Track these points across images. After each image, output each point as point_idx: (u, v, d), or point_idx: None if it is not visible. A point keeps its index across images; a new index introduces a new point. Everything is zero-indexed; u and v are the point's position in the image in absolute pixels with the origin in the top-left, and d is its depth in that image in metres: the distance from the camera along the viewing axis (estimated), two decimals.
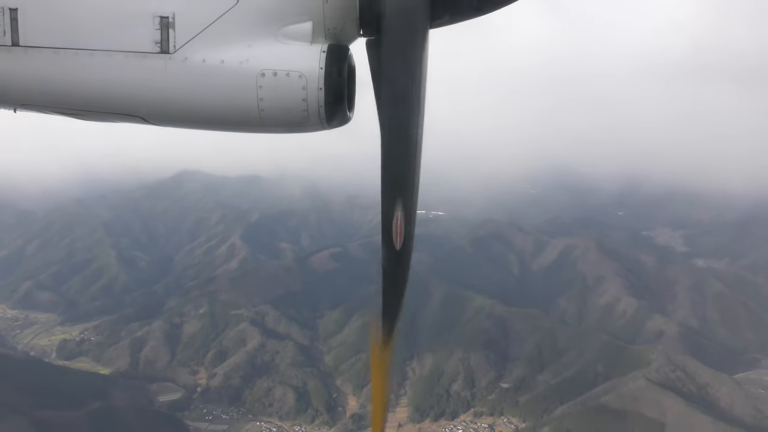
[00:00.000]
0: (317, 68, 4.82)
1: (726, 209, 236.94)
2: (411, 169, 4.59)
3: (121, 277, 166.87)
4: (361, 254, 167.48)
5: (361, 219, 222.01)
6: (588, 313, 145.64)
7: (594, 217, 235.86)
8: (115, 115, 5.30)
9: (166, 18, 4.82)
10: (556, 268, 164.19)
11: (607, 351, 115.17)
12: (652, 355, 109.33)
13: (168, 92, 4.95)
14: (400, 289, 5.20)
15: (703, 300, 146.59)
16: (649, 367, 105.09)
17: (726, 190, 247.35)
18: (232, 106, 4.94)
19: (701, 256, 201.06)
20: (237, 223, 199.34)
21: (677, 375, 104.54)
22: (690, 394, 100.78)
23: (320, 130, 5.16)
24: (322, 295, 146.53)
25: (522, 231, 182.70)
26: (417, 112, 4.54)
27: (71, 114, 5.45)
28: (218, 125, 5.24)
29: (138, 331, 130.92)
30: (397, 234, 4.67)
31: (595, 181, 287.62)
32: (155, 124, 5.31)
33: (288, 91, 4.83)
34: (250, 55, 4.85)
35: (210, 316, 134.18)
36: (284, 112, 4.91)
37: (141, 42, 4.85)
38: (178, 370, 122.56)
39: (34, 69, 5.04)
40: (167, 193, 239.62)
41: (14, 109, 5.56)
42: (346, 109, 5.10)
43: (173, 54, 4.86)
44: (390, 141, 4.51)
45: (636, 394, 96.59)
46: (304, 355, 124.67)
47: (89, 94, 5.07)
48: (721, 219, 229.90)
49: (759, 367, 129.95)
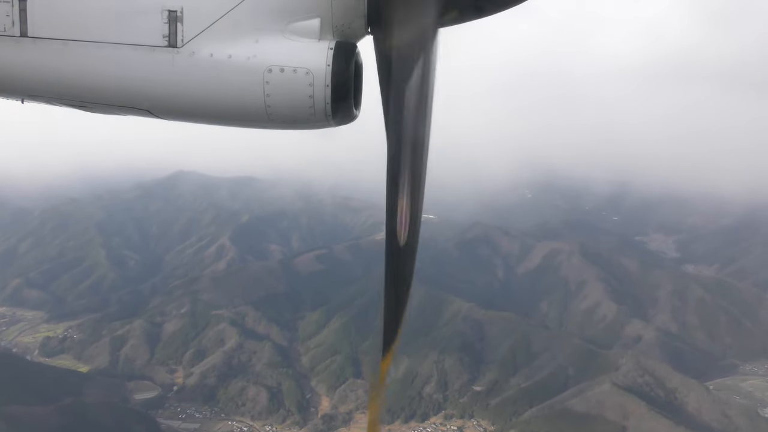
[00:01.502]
0: (324, 65, 4.86)
1: (719, 214, 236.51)
2: (417, 168, 4.65)
3: (110, 276, 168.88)
4: (347, 256, 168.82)
5: (353, 221, 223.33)
6: (569, 318, 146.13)
7: (587, 221, 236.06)
8: (122, 108, 5.36)
9: (175, 12, 4.85)
10: (540, 272, 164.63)
11: (579, 355, 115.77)
12: (621, 359, 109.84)
13: (175, 86, 4.99)
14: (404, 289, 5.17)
15: (684, 305, 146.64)
16: (618, 371, 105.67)
17: (720, 195, 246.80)
18: (239, 101, 4.99)
19: (692, 262, 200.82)
20: (228, 224, 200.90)
21: (645, 380, 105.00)
22: (657, 398, 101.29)
23: (326, 127, 5.18)
24: (305, 297, 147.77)
25: (508, 235, 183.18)
26: (424, 112, 4.60)
27: (78, 106, 5.51)
28: (224, 120, 5.28)
29: (119, 329, 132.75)
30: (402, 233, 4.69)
31: (591, 185, 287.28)
32: (162, 117, 5.38)
33: (295, 87, 4.87)
34: (258, 50, 4.88)
35: (191, 316, 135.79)
36: (291, 108, 4.95)
37: (149, 35, 4.89)
38: (157, 368, 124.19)
39: (42, 60, 5.07)
40: (162, 194, 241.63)
41: (22, 100, 5.62)
42: (353, 106, 5.12)
43: (181, 48, 4.89)
44: (395, 139, 4.58)
45: (600, 398, 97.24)
46: (281, 355, 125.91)
47: (97, 86, 5.12)
48: (715, 224, 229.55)
49: (736, 373, 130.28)
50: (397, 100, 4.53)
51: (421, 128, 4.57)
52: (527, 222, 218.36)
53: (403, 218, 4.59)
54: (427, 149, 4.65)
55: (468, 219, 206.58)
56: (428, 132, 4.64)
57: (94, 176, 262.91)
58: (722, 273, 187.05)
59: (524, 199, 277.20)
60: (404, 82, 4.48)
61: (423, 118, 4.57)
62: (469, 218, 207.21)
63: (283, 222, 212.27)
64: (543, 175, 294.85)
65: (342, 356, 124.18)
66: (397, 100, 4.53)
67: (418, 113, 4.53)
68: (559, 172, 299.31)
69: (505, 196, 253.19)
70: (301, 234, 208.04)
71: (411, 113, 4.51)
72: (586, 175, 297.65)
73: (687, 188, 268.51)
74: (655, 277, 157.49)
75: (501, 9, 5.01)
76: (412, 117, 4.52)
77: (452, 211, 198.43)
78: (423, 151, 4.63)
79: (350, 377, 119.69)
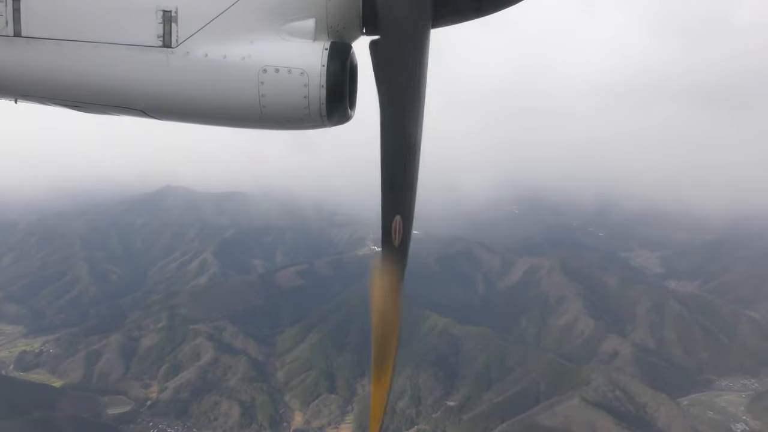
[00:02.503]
0: (319, 65, 4.87)
1: (703, 230, 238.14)
2: (409, 168, 4.75)
3: (91, 291, 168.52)
4: (328, 271, 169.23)
5: (338, 236, 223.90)
6: (547, 333, 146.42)
7: (573, 237, 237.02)
8: (116, 108, 5.36)
9: (169, 12, 4.85)
10: (520, 287, 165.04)
11: (551, 370, 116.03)
12: (592, 375, 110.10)
13: (169, 86, 4.99)
14: None
15: (662, 321, 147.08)
16: (588, 386, 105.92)
17: (704, 211, 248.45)
18: (234, 101, 4.99)
19: (675, 278, 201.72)
20: (211, 239, 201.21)
21: (615, 395, 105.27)
22: (626, 413, 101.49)
23: (321, 127, 5.21)
24: (284, 311, 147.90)
25: (490, 250, 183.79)
26: (416, 112, 4.68)
27: (72, 106, 5.51)
28: (219, 120, 5.28)
29: (96, 343, 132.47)
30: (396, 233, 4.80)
31: (578, 202, 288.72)
32: (156, 117, 5.38)
33: (290, 87, 4.88)
34: (253, 51, 4.90)
35: (168, 330, 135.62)
36: (285, 108, 4.95)
37: (144, 35, 4.90)
38: (131, 383, 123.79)
39: (36, 60, 5.06)
40: (149, 208, 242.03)
41: (15, 100, 5.60)
42: (347, 106, 5.15)
43: (175, 48, 4.90)
44: (389, 140, 4.67)
45: (569, 413, 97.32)
46: (256, 370, 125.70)
47: (91, 86, 5.11)
48: (699, 240, 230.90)
49: (712, 388, 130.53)
50: (391, 100, 4.66)
51: (414, 128, 4.69)
52: (512, 237, 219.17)
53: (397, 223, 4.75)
54: (419, 149, 4.78)
55: (451, 234, 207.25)
56: (420, 131, 4.76)
57: (82, 191, 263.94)
58: (704, 289, 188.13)
59: (511, 215, 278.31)
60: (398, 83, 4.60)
61: (416, 119, 4.69)
62: (452, 233, 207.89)
63: (267, 237, 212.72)
64: (530, 192, 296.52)
65: (317, 371, 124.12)
66: (391, 100, 4.66)
67: (412, 114, 4.65)
68: (546, 188, 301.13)
69: (490, 212, 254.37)
70: (285, 249, 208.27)
71: (404, 114, 4.65)
72: (573, 191, 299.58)
73: (672, 204, 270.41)
74: (634, 293, 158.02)
75: (497, 9, 5.05)
76: (406, 117, 4.65)
77: (435, 226, 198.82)
78: (416, 150, 4.75)
79: (324, 392, 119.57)
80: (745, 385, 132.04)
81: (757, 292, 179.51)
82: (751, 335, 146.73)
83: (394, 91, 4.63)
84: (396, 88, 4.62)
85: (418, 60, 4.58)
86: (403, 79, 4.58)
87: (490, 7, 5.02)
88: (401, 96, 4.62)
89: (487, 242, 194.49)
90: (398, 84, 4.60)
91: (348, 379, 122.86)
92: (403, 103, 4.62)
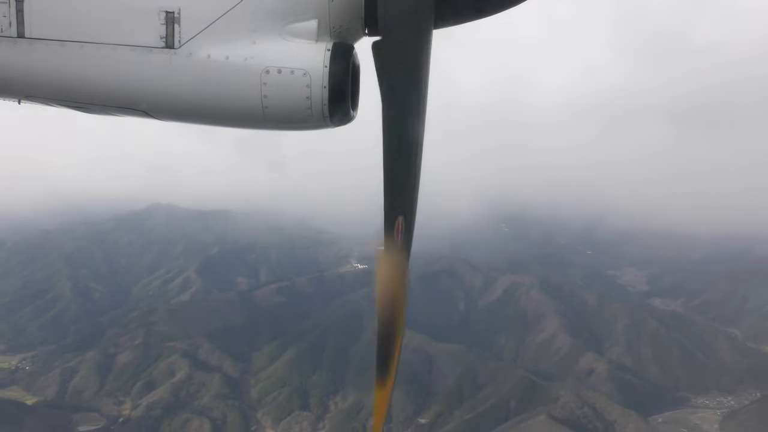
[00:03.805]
0: (321, 66, 4.90)
1: (690, 248, 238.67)
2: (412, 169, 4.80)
3: (72, 308, 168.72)
4: (309, 289, 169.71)
5: (323, 254, 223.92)
6: (524, 350, 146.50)
7: (559, 255, 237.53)
8: (119, 109, 5.39)
9: (172, 13, 4.89)
10: (500, 304, 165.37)
11: (522, 387, 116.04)
12: (561, 391, 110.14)
13: (172, 87, 5.02)
14: None
15: (639, 339, 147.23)
16: (556, 403, 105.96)
17: (690, 229, 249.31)
18: (236, 102, 5.02)
19: (659, 296, 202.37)
20: (196, 257, 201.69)
21: (584, 412, 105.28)
22: (593, 431, 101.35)
23: (324, 127, 5.23)
24: (262, 329, 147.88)
25: (473, 268, 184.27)
26: (418, 112, 4.72)
27: (75, 107, 5.54)
28: (221, 121, 5.30)
29: (71, 360, 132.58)
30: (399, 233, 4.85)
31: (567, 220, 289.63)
32: (158, 118, 5.41)
33: (292, 88, 4.92)
34: (255, 51, 4.92)
35: (144, 347, 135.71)
36: (288, 109, 4.98)
37: (146, 36, 4.93)
38: (105, 400, 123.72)
39: (40, 61, 5.09)
40: (136, 226, 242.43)
41: (18, 100, 5.62)
42: (350, 107, 5.17)
43: (178, 49, 4.93)
44: (391, 140, 4.71)
45: (533, 430, 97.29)
46: (230, 387, 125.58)
47: (94, 87, 5.15)
48: (685, 258, 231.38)
49: (687, 406, 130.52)
50: (394, 100, 4.69)
51: (416, 128, 4.74)
52: (498, 255, 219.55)
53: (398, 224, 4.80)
54: (421, 149, 4.83)
55: (435, 252, 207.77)
56: (422, 132, 4.82)
57: (70, 209, 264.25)
58: (688, 306, 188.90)
59: (500, 233, 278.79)
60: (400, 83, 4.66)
61: (418, 119, 4.74)
62: (436, 251, 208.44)
63: (252, 255, 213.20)
64: (520, 210, 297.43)
65: (290, 388, 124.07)
66: (394, 100, 4.69)
67: (414, 114, 4.71)
68: (536, 207, 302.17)
69: (478, 230, 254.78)
70: (269, 267, 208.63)
71: (407, 114, 4.70)
72: (563, 210, 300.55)
73: (660, 222, 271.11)
74: (613, 311, 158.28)
75: (499, 10, 5.09)
76: (408, 117, 4.70)
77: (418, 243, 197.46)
78: (418, 150, 4.80)
79: (296, 409, 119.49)
80: (721, 403, 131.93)
81: (739, 309, 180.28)
82: (729, 352, 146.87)
83: (397, 91, 4.69)
84: (398, 88, 4.68)
85: (421, 60, 4.66)
86: (406, 79, 4.66)
87: (491, 8, 5.06)
88: (403, 96, 4.68)
89: (472, 260, 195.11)
90: (400, 84, 4.68)
91: (321, 396, 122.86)
92: (405, 104, 4.69)
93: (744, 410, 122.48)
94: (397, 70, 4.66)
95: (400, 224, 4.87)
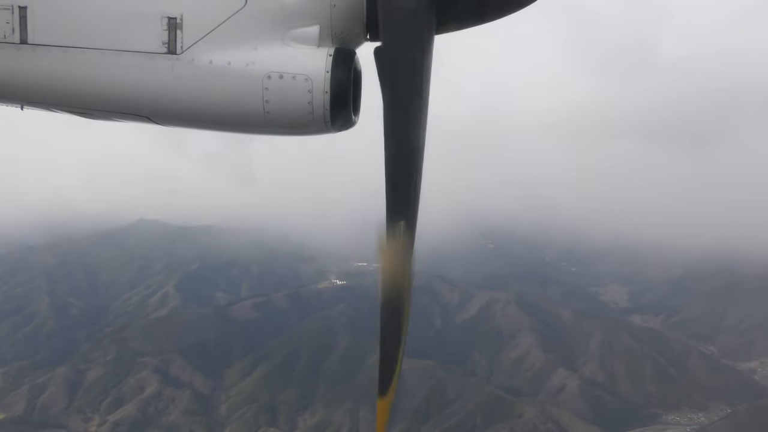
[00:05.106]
0: (323, 72, 4.90)
1: (671, 265, 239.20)
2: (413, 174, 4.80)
3: (48, 324, 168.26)
4: (284, 305, 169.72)
5: (304, 270, 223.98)
6: (498, 366, 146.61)
7: (541, 271, 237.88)
8: (122, 115, 5.42)
9: (174, 19, 4.90)
10: (476, 321, 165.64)
11: (489, 403, 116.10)
12: (526, 407, 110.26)
13: (174, 93, 5.02)
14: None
15: (612, 355, 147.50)
16: (520, 419, 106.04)
17: (672, 245, 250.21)
18: (238, 107, 5.02)
19: (639, 313, 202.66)
20: (176, 272, 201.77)
21: (547, 427, 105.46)
22: None
23: (325, 132, 5.21)
24: (236, 345, 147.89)
25: (450, 284, 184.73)
26: (420, 117, 4.72)
27: (78, 113, 5.54)
28: (223, 126, 5.34)
29: (42, 376, 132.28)
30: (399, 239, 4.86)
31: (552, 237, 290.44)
32: (161, 124, 5.41)
33: (294, 93, 4.92)
34: (257, 57, 4.93)
35: (115, 363, 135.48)
36: (289, 114, 4.97)
37: (149, 42, 4.95)
38: (73, 416, 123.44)
39: (43, 67, 5.12)
40: (119, 242, 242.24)
41: (21, 106, 5.65)
42: (351, 112, 5.17)
43: (180, 55, 4.95)
44: (393, 145, 4.71)
45: None
46: (199, 403, 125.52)
47: (96, 93, 5.16)
48: (667, 275, 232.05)
49: (658, 422, 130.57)
50: (395, 105, 4.67)
51: (417, 133, 4.75)
52: (479, 271, 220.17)
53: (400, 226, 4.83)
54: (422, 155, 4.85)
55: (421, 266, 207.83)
56: (423, 138, 4.83)
57: (55, 224, 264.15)
58: (666, 323, 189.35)
59: (484, 249, 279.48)
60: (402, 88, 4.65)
61: (419, 124, 4.75)
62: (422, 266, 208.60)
63: (233, 270, 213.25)
64: (504, 226, 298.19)
65: (258, 404, 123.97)
66: (395, 105, 4.67)
67: (416, 119, 4.71)
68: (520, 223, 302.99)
69: (459, 245, 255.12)
70: (250, 282, 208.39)
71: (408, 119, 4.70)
72: (548, 227, 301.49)
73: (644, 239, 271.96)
74: (588, 327, 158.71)
75: (502, 15, 5.09)
76: (410, 122, 4.70)
77: None
78: (420, 155, 4.82)
79: (264, 425, 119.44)
80: (691, 419, 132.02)
81: (716, 326, 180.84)
82: (703, 369, 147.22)
83: (398, 96, 4.68)
84: (400, 93, 4.68)
85: (422, 66, 4.65)
86: (407, 84, 4.66)
87: (493, 14, 5.07)
88: (405, 101, 4.68)
89: (450, 276, 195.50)
90: (402, 89, 4.67)
91: (289, 413, 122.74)
92: (406, 109, 4.69)
93: (713, 426, 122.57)
94: (398, 75, 4.69)
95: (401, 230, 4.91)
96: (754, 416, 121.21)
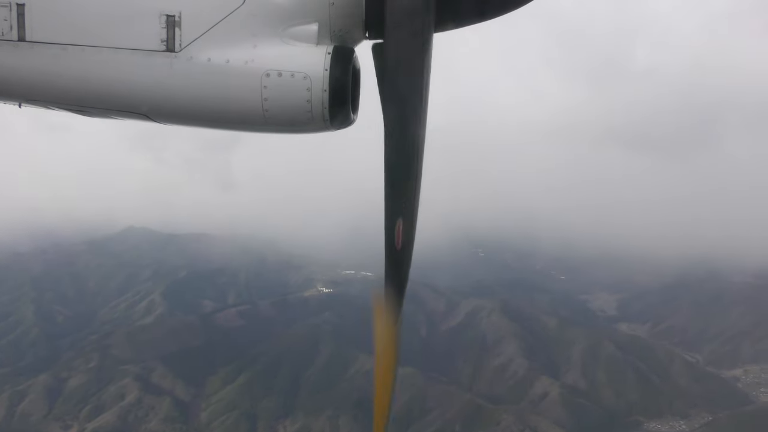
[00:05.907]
0: (322, 70, 4.92)
1: (660, 273, 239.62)
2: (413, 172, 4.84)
3: (33, 332, 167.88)
4: (270, 312, 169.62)
5: (293, 278, 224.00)
6: (481, 374, 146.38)
7: (530, 279, 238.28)
8: (120, 113, 5.43)
9: (173, 17, 4.91)
10: (460, 329, 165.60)
11: (468, 411, 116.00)
12: (503, 415, 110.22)
13: (173, 90, 5.03)
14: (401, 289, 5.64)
15: (595, 363, 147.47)
16: (498, 426, 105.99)
17: (660, 253, 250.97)
18: (237, 105, 5.04)
19: (627, 321, 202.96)
20: (164, 280, 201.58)
21: None
22: None
23: (324, 131, 5.25)
24: (220, 352, 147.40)
25: (436, 292, 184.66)
26: (419, 115, 4.74)
27: (76, 110, 5.54)
28: (222, 124, 5.35)
29: (22, 384, 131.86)
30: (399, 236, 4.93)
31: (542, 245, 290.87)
32: (159, 121, 5.41)
33: (292, 91, 4.94)
34: (256, 55, 4.95)
35: (97, 371, 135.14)
36: (288, 112, 5.00)
37: (147, 40, 4.96)
38: (52, 424, 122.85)
39: (41, 64, 5.11)
40: (109, 249, 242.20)
41: (19, 104, 5.62)
42: (350, 110, 5.20)
43: (179, 52, 4.96)
44: (392, 143, 4.74)
45: None
46: (180, 411, 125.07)
47: (95, 90, 5.16)
48: (656, 283, 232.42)
49: (639, 430, 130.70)
50: (394, 104, 4.71)
51: (417, 132, 4.77)
52: (467, 280, 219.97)
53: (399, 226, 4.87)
54: (422, 153, 4.88)
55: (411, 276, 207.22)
56: (423, 136, 4.86)
57: (44, 231, 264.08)
58: (654, 331, 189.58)
59: (473, 258, 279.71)
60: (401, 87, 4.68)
61: (419, 122, 4.76)
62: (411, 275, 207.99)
63: (221, 278, 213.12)
64: (493, 234, 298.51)
65: (239, 412, 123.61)
66: (394, 104, 4.71)
67: (415, 117, 4.73)
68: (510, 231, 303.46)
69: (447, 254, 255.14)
70: (238, 290, 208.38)
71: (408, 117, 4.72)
72: (538, 235, 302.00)
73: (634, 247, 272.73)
74: (572, 335, 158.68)
75: (502, 12, 5.12)
76: (409, 121, 4.72)
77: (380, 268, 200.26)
78: (419, 154, 4.84)
79: None
80: (673, 427, 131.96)
81: (702, 334, 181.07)
82: (686, 377, 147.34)
83: (397, 94, 4.71)
84: (399, 92, 4.71)
85: (422, 64, 4.67)
86: (407, 83, 4.68)
87: (493, 11, 5.10)
88: (404, 100, 4.70)
89: (437, 284, 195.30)
90: (401, 88, 4.70)
91: (270, 420, 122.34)
92: (406, 107, 4.71)
93: None
94: (397, 73, 4.71)
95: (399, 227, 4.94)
96: (735, 424, 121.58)
